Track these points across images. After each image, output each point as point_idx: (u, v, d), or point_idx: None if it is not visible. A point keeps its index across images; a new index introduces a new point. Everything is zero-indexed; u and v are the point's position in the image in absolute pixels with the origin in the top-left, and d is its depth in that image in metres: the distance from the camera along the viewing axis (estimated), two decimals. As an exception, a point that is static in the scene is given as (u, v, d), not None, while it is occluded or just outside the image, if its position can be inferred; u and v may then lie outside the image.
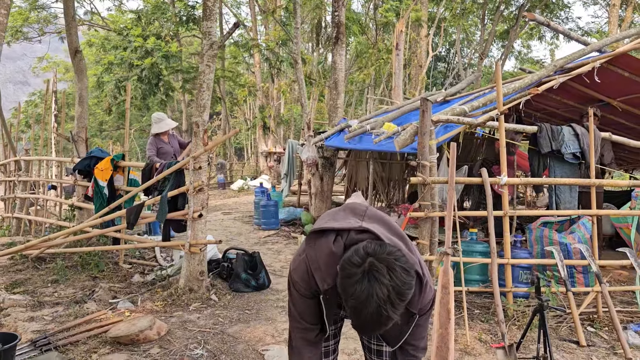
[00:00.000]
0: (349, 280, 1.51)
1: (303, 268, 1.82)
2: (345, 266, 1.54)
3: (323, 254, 1.75)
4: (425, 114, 4.25)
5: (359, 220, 1.80)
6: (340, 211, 1.90)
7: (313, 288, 1.80)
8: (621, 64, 5.52)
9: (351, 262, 1.53)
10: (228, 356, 3.61)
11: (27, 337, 3.82)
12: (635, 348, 3.80)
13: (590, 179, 4.40)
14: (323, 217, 1.91)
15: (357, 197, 7.97)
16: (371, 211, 1.89)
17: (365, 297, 1.47)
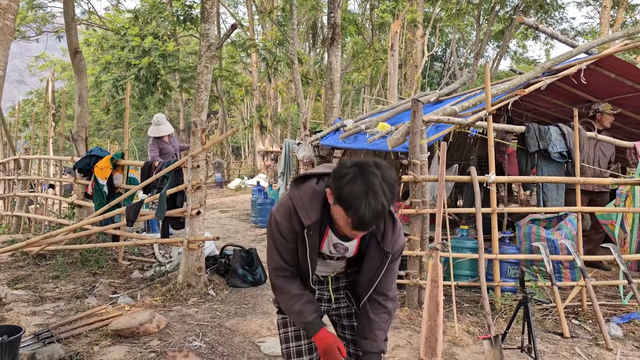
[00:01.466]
0: (343, 180, 1.66)
1: (285, 208, 1.91)
2: (338, 171, 1.71)
3: (306, 193, 1.88)
4: (416, 114, 4.39)
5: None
6: (320, 166, 2.04)
7: (294, 227, 1.88)
8: (607, 66, 5.67)
9: (343, 167, 1.71)
10: (225, 348, 3.74)
11: (30, 330, 3.94)
12: (616, 339, 3.95)
13: (576, 176, 4.55)
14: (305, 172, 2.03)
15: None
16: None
17: (361, 189, 1.63)
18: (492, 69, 23.33)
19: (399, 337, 3.95)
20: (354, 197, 1.63)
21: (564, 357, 3.63)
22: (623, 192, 4.87)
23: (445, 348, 3.72)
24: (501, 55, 23.30)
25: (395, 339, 3.91)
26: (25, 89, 37.25)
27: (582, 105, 6.81)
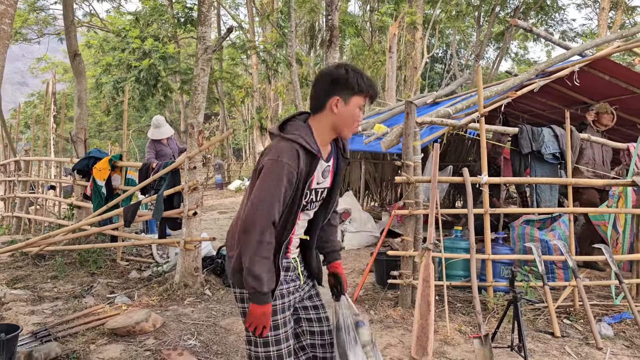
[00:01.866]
0: (350, 77, 2.02)
1: (290, 149, 1.94)
2: (341, 76, 2.02)
3: (299, 129, 2.03)
4: (409, 116, 4.44)
5: None
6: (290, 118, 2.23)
7: (301, 167, 1.95)
8: (601, 68, 5.72)
9: (339, 73, 2.04)
10: (220, 346, 3.79)
11: (28, 329, 4.00)
12: (607, 339, 3.99)
13: (568, 178, 4.60)
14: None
15: (348, 196, 8.17)
16: None
17: (359, 69, 2.07)
18: (493, 71, 23.39)
19: (391, 336, 4.00)
20: (366, 79, 2.05)
21: (553, 356, 3.67)
22: (615, 193, 4.91)
23: (437, 347, 3.77)
24: (501, 57, 23.37)
25: (388, 337, 3.96)
26: (27, 90, 37.37)
27: (577, 107, 6.87)
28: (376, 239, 7.29)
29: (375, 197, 10.73)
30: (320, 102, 2.05)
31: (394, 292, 4.90)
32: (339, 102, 2.01)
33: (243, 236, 1.94)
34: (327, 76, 2.04)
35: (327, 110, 2.03)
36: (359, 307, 4.63)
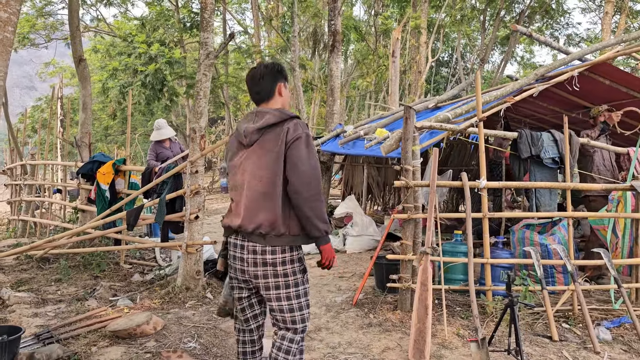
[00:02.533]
0: (277, 65, 2.76)
1: (304, 124, 2.58)
2: (282, 69, 2.75)
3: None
4: (408, 121, 4.48)
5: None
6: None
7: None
8: (601, 73, 5.73)
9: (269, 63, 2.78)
10: (219, 349, 3.84)
11: (31, 331, 4.06)
12: (605, 343, 4.00)
13: (566, 182, 4.62)
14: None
15: (350, 200, 8.20)
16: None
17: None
18: (498, 74, 23.36)
19: (389, 339, 4.03)
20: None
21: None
22: (615, 198, 4.92)
23: (434, 350, 3.79)
24: (506, 61, 23.33)
25: (386, 341, 3.99)
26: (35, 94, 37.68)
27: (578, 112, 6.88)
28: (378, 243, 7.32)
29: (377, 201, 10.75)
30: (270, 90, 2.66)
31: (393, 295, 4.93)
32: (286, 87, 2.70)
33: (312, 194, 2.45)
34: (271, 70, 2.67)
35: (277, 95, 2.67)
36: (358, 311, 4.67)
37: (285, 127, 2.49)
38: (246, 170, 2.58)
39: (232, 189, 2.69)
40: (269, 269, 2.52)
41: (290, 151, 2.45)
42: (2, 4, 2.68)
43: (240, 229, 2.56)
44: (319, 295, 5.29)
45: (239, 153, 2.66)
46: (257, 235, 2.51)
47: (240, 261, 2.59)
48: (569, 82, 5.48)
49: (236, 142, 2.70)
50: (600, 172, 5.61)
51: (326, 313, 4.70)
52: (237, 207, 2.63)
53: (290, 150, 2.45)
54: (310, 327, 4.31)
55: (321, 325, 4.38)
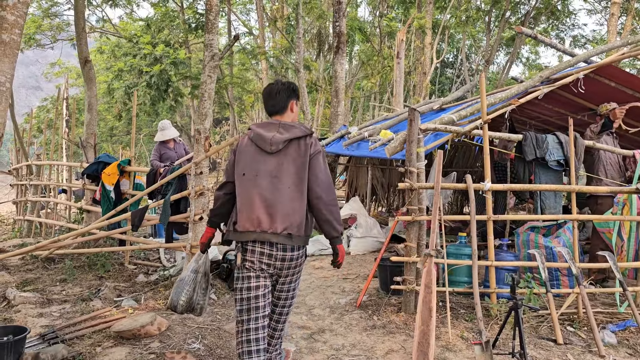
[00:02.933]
0: (293, 84, 3.21)
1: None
2: (296, 87, 3.20)
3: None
4: (412, 123, 4.48)
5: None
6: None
7: None
8: (607, 75, 5.71)
9: (284, 81, 3.25)
10: (223, 350, 3.84)
11: (36, 331, 4.08)
12: (610, 347, 3.98)
13: (571, 185, 4.60)
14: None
15: (354, 202, 8.20)
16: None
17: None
18: (502, 76, 23.31)
19: (393, 341, 4.02)
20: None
21: (555, 363, 3.68)
22: (620, 201, 4.90)
23: (438, 353, 3.79)
24: (512, 62, 23.28)
25: (390, 343, 3.99)
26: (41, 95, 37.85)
27: (583, 114, 6.86)
28: (382, 245, 7.31)
29: (382, 202, 10.74)
30: (284, 105, 3.04)
31: (397, 297, 4.93)
32: (295, 104, 3.09)
33: (331, 200, 2.92)
34: (287, 87, 3.06)
35: (289, 111, 3.05)
36: (362, 313, 4.67)
37: (309, 141, 2.92)
38: (271, 175, 2.88)
39: (247, 190, 2.90)
40: (292, 263, 2.95)
41: (312, 162, 2.88)
42: (10, 7, 2.70)
43: (265, 230, 2.83)
44: (322, 297, 5.29)
45: (258, 158, 2.92)
46: (285, 236, 2.84)
47: (268, 257, 2.89)
48: (574, 84, 5.47)
49: (254, 148, 2.94)
50: (607, 171, 5.56)
51: (330, 315, 4.70)
52: (252, 210, 2.87)
53: (312, 162, 2.88)
54: (314, 329, 4.32)
55: (325, 327, 4.38)
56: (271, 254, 2.88)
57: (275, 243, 2.86)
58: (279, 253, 2.88)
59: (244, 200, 2.90)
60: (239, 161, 2.97)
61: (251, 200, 2.88)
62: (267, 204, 2.84)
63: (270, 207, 2.84)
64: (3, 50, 2.73)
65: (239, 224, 2.89)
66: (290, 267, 2.97)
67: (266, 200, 2.85)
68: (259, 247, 2.89)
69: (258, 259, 2.90)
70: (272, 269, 2.93)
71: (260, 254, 2.89)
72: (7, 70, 2.81)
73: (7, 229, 11.47)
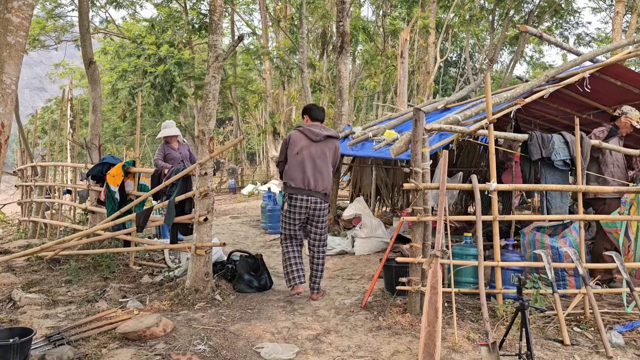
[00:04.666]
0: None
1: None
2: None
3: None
4: (417, 123, 4.46)
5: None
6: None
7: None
8: (613, 74, 5.68)
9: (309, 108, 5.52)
10: (228, 352, 3.83)
11: (41, 332, 4.08)
12: (617, 348, 3.96)
13: (577, 185, 4.58)
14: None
15: (358, 202, 8.18)
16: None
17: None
18: (507, 75, 23.23)
19: (399, 342, 4.01)
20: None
21: (562, 365, 3.65)
22: (627, 200, 4.87)
23: (444, 354, 3.77)
24: (515, 61, 23.19)
25: (396, 344, 3.97)
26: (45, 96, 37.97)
27: (589, 113, 6.83)
28: (387, 245, 7.30)
29: (386, 202, 10.72)
30: (322, 117, 5.28)
31: (402, 298, 4.91)
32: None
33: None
34: (323, 109, 5.38)
35: (324, 120, 5.30)
36: (367, 314, 4.66)
37: (336, 142, 5.22)
38: (314, 155, 4.99)
39: (298, 164, 4.96)
40: (322, 212, 5.08)
41: (336, 154, 5.22)
42: (15, 9, 2.70)
43: (311, 189, 4.94)
44: (327, 298, 5.28)
45: (306, 144, 5.00)
46: (321, 193, 5.00)
47: (306, 208, 5.00)
48: (580, 84, 5.44)
49: (304, 137, 5.03)
50: (614, 173, 5.53)
51: (335, 316, 4.69)
52: (304, 176, 4.94)
53: (336, 153, 5.22)
54: (319, 330, 4.30)
55: (330, 328, 4.37)
56: (308, 205, 4.97)
57: (309, 199, 4.95)
58: (313, 204, 4.98)
59: (297, 169, 4.94)
60: (293, 145, 5.02)
61: (304, 169, 4.93)
62: (310, 173, 4.93)
63: (312, 175, 4.94)
64: (8, 52, 2.73)
65: (294, 183, 4.95)
66: (321, 214, 5.06)
67: (308, 169, 4.93)
68: (305, 198, 4.95)
69: (299, 205, 4.97)
70: (305, 214, 5.03)
71: (300, 206, 4.98)
72: (13, 72, 2.81)
73: (13, 230, 11.51)
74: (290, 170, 4.95)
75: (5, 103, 2.79)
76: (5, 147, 2.86)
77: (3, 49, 2.79)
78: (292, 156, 4.97)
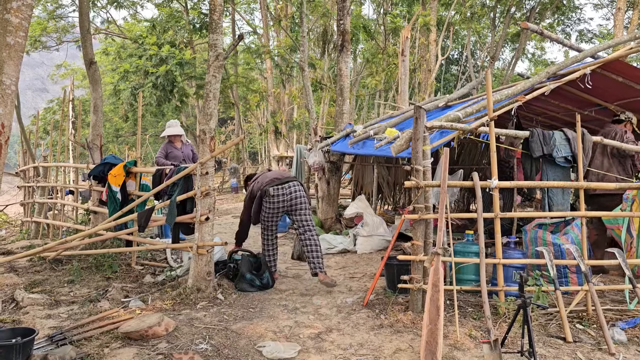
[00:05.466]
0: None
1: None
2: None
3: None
4: (418, 121, 4.45)
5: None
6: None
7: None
8: (614, 70, 5.66)
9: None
10: (230, 351, 3.84)
11: (44, 332, 4.09)
12: (620, 344, 3.95)
13: (579, 181, 4.57)
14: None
15: (360, 200, 8.18)
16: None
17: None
18: (508, 72, 23.19)
19: (401, 340, 4.01)
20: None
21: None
22: (629, 197, 4.86)
23: (446, 352, 3.77)
24: (517, 58, 23.13)
25: (398, 342, 3.97)
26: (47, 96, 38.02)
27: (591, 109, 6.81)
28: (388, 243, 7.29)
29: (388, 200, 10.71)
30: None
31: (404, 296, 4.91)
32: None
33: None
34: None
35: None
36: (369, 312, 4.66)
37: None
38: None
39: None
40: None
41: None
42: (14, 9, 2.70)
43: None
44: (329, 297, 5.28)
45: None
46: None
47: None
48: (581, 80, 5.42)
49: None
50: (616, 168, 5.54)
51: (337, 314, 4.69)
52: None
53: None
54: (321, 328, 4.30)
55: (332, 326, 4.37)
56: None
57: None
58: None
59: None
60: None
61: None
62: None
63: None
64: (8, 53, 2.73)
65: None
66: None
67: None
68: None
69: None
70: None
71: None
72: (12, 73, 2.81)
73: (15, 230, 11.53)
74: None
75: (5, 104, 2.80)
76: (5, 148, 2.86)
77: (2, 50, 2.79)
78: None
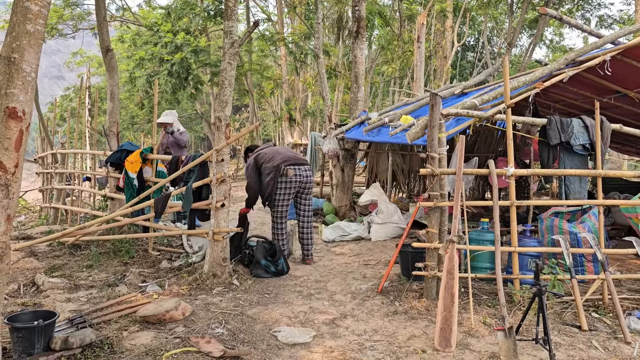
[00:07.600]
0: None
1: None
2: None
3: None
4: (434, 108, 4.43)
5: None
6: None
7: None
8: (635, 56, 5.55)
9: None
10: (246, 335, 3.89)
11: (64, 316, 4.17)
12: (636, 333, 3.93)
13: (597, 169, 4.52)
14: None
15: (375, 188, 8.17)
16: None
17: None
18: (526, 59, 22.83)
19: (415, 327, 4.03)
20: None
21: (579, 350, 3.64)
22: (648, 185, 4.79)
23: (461, 339, 3.78)
24: (535, 44, 22.72)
25: (412, 329, 3.99)
26: (64, 84, 38.31)
27: (610, 96, 6.70)
28: (403, 231, 7.29)
29: (402, 188, 10.69)
30: None
31: (419, 283, 4.92)
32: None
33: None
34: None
35: None
36: (384, 299, 4.68)
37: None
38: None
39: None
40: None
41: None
42: (33, -3, 2.73)
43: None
44: (344, 283, 5.31)
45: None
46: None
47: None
48: (600, 67, 5.33)
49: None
50: None
51: (351, 300, 4.72)
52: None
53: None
54: (335, 315, 4.34)
55: (347, 312, 4.40)
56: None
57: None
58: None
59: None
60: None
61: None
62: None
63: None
64: (28, 40, 2.76)
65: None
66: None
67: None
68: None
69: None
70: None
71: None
72: (33, 60, 2.84)
73: (34, 216, 11.73)
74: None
75: (26, 91, 2.84)
76: (27, 135, 2.91)
77: (23, 37, 2.82)
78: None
